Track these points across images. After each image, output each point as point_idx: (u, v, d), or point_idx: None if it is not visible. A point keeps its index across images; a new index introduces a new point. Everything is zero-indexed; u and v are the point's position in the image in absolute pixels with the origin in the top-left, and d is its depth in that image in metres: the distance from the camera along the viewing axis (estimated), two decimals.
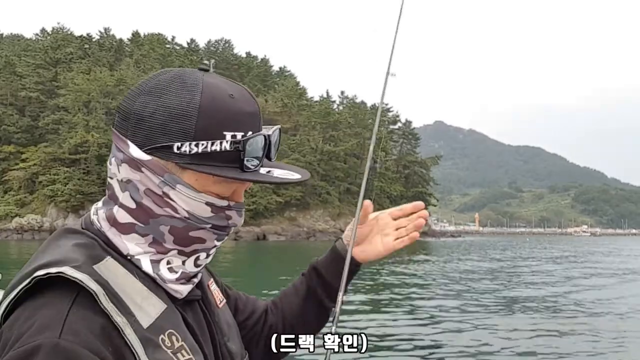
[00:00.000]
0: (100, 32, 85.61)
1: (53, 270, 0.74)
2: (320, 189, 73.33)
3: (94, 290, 0.74)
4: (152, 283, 0.83)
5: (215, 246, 0.90)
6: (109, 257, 0.80)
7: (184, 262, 0.87)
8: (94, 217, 0.86)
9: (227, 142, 0.79)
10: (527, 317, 12.53)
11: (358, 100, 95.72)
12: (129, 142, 0.81)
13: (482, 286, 19.19)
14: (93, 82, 62.97)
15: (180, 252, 0.86)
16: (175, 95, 0.80)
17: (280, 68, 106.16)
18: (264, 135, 0.84)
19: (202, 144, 0.79)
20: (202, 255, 0.89)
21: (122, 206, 0.84)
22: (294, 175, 0.89)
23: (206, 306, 0.95)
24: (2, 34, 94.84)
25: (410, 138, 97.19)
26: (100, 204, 0.88)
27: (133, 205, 0.83)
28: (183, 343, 0.82)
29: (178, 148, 0.79)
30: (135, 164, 0.81)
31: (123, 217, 0.84)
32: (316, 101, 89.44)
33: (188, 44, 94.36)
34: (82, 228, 0.86)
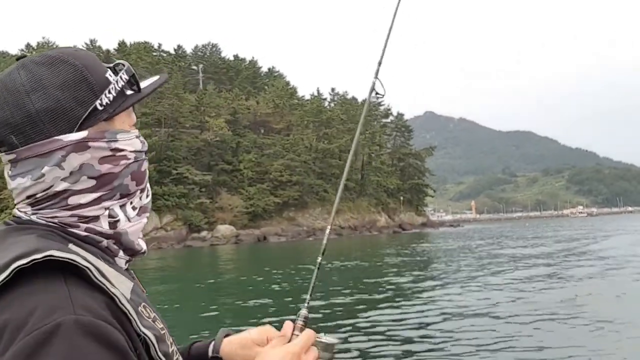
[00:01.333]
0: (86, 43, 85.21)
1: (39, 256, 0.74)
2: (317, 187, 73.27)
3: (87, 267, 0.76)
4: (114, 264, 0.88)
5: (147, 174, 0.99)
6: (71, 243, 0.82)
7: (140, 197, 0.95)
8: (30, 218, 0.87)
9: (123, 76, 0.89)
10: None
11: (349, 97, 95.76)
12: (59, 137, 0.83)
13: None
14: None
15: (141, 190, 0.94)
16: (59, 73, 0.84)
17: (269, 69, 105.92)
18: (125, 66, 0.92)
19: (112, 87, 0.87)
20: (148, 184, 0.98)
21: (80, 192, 0.86)
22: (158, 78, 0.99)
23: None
24: None
25: (403, 131, 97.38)
26: (29, 210, 0.87)
27: (93, 183, 0.86)
28: (155, 314, 0.88)
29: (100, 104, 0.85)
30: (81, 146, 0.84)
31: (87, 198, 0.87)
32: (307, 100, 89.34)
33: (175, 50, 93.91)
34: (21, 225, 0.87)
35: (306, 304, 1.13)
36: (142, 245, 0.95)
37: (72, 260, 0.75)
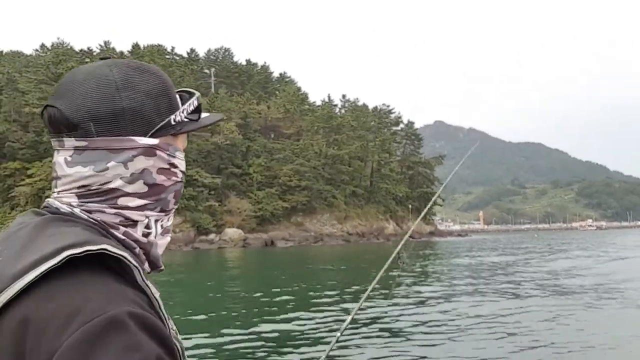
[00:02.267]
0: (100, 45, 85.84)
1: (94, 248, 0.75)
2: (326, 193, 73.21)
3: (137, 267, 0.78)
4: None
5: None
6: (110, 241, 0.83)
7: (168, 219, 0.97)
8: (71, 210, 0.87)
9: (191, 104, 0.95)
10: None
11: (360, 103, 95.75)
12: (134, 138, 0.87)
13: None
14: None
15: (175, 210, 0.98)
16: (148, 81, 0.89)
17: (280, 74, 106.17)
18: (196, 95, 0.98)
19: (185, 109, 0.93)
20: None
21: (132, 194, 0.88)
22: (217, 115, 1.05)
23: None
24: (1, 51, 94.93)
25: (413, 139, 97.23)
26: (74, 201, 0.88)
27: (145, 189, 0.90)
28: (174, 325, 0.90)
29: (174, 120, 0.91)
30: (151, 151, 0.88)
31: (136, 203, 0.89)
32: (318, 106, 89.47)
33: (188, 53, 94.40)
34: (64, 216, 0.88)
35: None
36: (162, 264, 0.98)
37: (124, 257, 0.77)
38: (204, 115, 1.01)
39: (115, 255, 0.76)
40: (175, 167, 0.94)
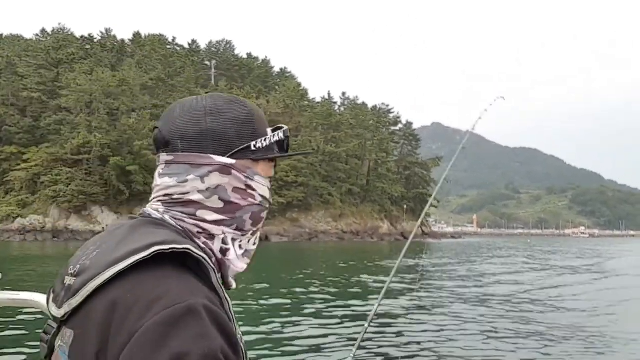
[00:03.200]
0: (101, 32, 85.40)
1: (179, 247, 0.85)
2: (322, 190, 73.17)
3: (213, 268, 0.89)
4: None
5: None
6: (193, 244, 0.92)
7: (249, 241, 1.06)
8: (163, 217, 0.99)
9: (275, 135, 1.04)
10: None
11: (359, 102, 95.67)
12: (212, 156, 0.98)
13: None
14: (95, 83, 62.57)
15: (252, 233, 1.05)
16: (234, 109, 1.00)
17: (281, 69, 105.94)
18: (284, 129, 1.07)
19: (266, 138, 1.02)
20: (258, 233, 1.09)
21: (209, 208, 0.99)
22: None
23: None
24: (1, 35, 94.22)
25: (411, 139, 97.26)
26: (153, 212, 1.00)
27: (221, 205, 0.99)
28: (239, 330, 0.96)
29: (254, 146, 1.00)
30: (226, 170, 0.98)
31: (212, 217, 0.99)
32: (318, 102, 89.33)
33: (189, 44, 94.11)
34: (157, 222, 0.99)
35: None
36: (233, 284, 1.04)
37: (203, 258, 0.87)
38: (290, 151, 1.10)
39: (196, 255, 0.86)
40: (253, 189, 1.02)
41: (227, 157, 0.99)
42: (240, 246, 1.03)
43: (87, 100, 62.77)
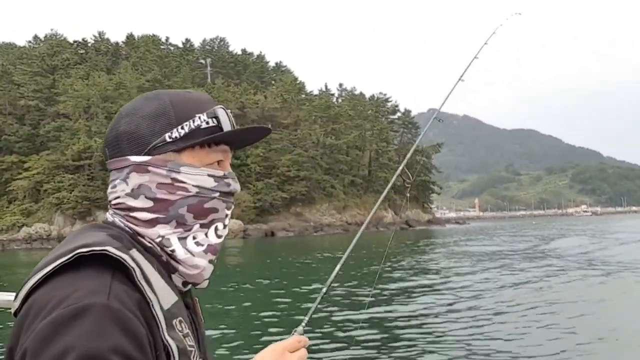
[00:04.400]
0: (94, 36, 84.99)
1: (97, 248, 0.85)
2: (324, 183, 73.11)
3: (133, 268, 0.87)
4: (167, 277, 0.97)
5: (227, 215, 1.06)
6: (134, 249, 0.92)
7: (206, 234, 1.02)
8: (113, 219, 1.02)
9: (202, 117, 1.00)
10: None
11: (357, 92, 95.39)
12: (129, 157, 0.99)
13: None
14: (92, 87, 62.35)
15: (201, 225, 1.02)
16: (148, 105, 1.00)
17: (276, 63, 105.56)
18: (224, 108, 1.03)
19: (186, 124, 0.99)
20: (220, 225, 1.05)
21: (140, 209, 0.99)
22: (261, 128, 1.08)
23: (195, 316, 1.07)
24: None
25: (410, 127, 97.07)
26: (109, 217, 1.03)
27: (150, 204, 0.99)
28: (188, 331, 0.95)
29: (169, 136, 0.98)
30: (142, 168, 0.98)
31: (145, 216, 0.99)
32: (315, 95, 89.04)
33: (183, 43, 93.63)
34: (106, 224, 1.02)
35: (303, 324, 1.31)
36: (203, 283, 1.04)
37: (121, 258, 0.86)
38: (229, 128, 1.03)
39: (114, 257, 0.85)
40: (180, 181, 0.99)
41: (144, 154, 0.98)
42: (197, 242, 1.01)
43: (85, 105, 62.57)
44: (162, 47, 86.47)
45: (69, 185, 58.30)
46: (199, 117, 1.00)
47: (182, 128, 0.98)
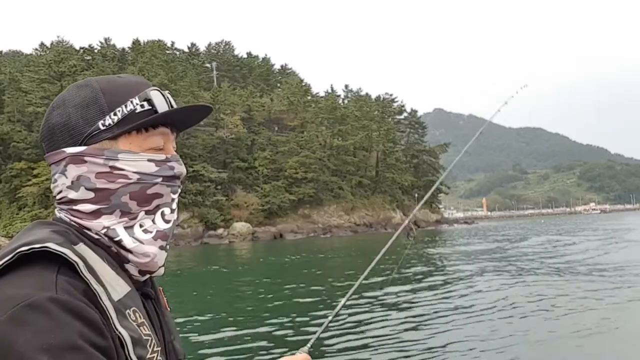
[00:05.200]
0: (101, 42, 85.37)
1: (37, 245, 0.83)
2: (332, 184, 73.04)
3: (75, 262, 0.84)
4: (119, 268, 0.95)
5: (173, 199, 1.03)
6: (81, 243, 0.89)
7: (153, 221, 0.99)
8: (60, 215, 0.99)
9: (135, 101, 0.97)
10: None
11: (363, 93, 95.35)
12: (64, 149, 0.95)
13: None
14: None
15: (147, 212, 0.98)
16: (79, 94, 0.97)
17: (281, 66, 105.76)
18: (158, 90, 1.01)
19: (119, 110, 0.95)
20: (167, 210, 1.02)
21: (82, 201, 0.96)
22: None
23: (157, 305, 1.06)
24: (1, 51, 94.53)
25: (417, 127, 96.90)
26: (57, 213, 1.00)
27: (91, 195, 0.95)
28: (144, 320, 0.93)
29: (103, 124, 0.95)
30: (78, 159, 0.95)
31: (87, 208, 0.95)
32: (322, 97, 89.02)
33: (189, 48, 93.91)
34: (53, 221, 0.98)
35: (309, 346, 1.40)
36: (159, 270, 1.01)
37: (62, 253, 0.84)
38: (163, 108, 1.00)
39: (55, 252, 0.83)
40: (119, 169, 0.96)
41: (79, 144, 0.95)
42: (145, 230, 0.98)
43: None
44: (167, 51, 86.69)
45: None
46: (131, 102, 0.96)
47: (115, 114, 0.95)
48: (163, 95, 1.01)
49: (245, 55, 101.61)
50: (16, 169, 62.20)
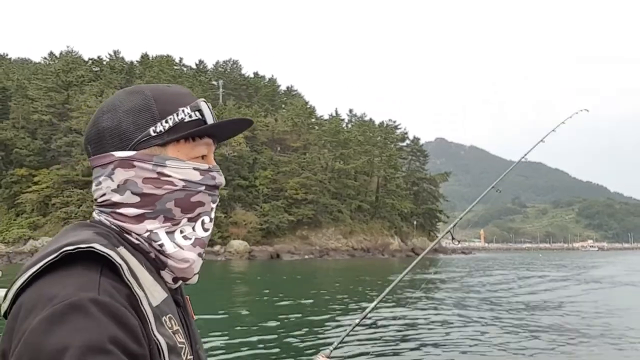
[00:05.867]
0: (109, 54, 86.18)
1: (83, 246, 0.84)
2: (331, 207, 72.95)
3: (120, 264, 0.85)
4: (156, 274, 0.96)
5: (212, 208, 1.06)
6: (122, 247, 0.91)
7: (194, 228, 1.02)
8: (100, 218, 1.00)
9: (186, 111, 0.99)
10: None
11: (366, 118, 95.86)
12: (113, 152, 0.97)
13: None
14: None
15: (189, 219, 1.01)
16: (131, 100, 0.99)
17: (287, 87, 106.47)
18: (205, 101, 1.03)
19: (170, 118, 0.98)
20: (206, 218, 1.04)
21: (126, 205, 0.97)
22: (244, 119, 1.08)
23: (185, 314, 1.07)
24: (10, 58, 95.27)
25: (418, 155, 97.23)
26: (95, 216, 1.02)
27: (137, 199, 0.97)
28: (179, 328, 0.95)
29: (154, 131, 0.97)
30: (127, 163, 0.96)
31: (131, 212, 0.97)
32: (325, 120, 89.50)
33: (196, 64, 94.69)
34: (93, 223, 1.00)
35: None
36: (193, 278, 1.04)
37: (108, 255, 0.85)
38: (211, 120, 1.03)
39: (101, 253, 0.84)
40: (167, 175, 0.98)
41: (129, 149, 0.97)
42: (185, 236, 1.01)
43: None
44: (175, 67, 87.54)
45: (77, 200, 58.53)
46: (183, 111, 0.99)
47: (167, 122, 0.97)
48: (209, 107, 1.03)
49: (252, 75, 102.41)
50: (17, 175, 62.20)
